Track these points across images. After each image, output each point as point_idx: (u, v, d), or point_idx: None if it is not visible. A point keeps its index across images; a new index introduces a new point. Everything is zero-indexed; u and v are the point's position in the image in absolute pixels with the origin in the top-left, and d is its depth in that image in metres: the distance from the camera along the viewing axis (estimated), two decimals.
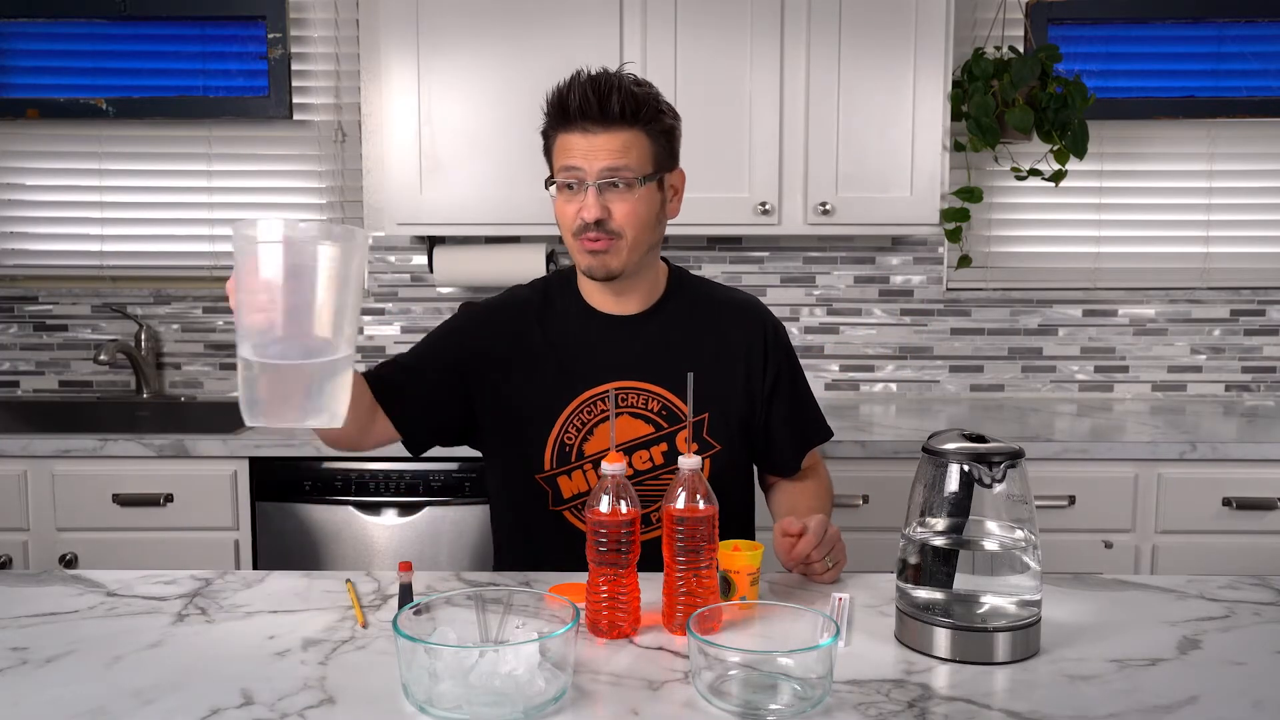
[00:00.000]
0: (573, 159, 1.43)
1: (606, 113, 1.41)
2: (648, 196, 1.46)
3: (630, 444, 1.51)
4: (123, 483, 2.28)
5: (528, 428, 1.53)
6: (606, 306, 1.56)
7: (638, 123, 1.43)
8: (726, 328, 1.59)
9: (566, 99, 1.42)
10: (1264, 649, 1.16)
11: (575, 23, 2.44)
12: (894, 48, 2.45)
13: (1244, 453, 2.30)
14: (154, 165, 2.90)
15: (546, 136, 1.50)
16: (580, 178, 1.43)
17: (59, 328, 2.92)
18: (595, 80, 1.42)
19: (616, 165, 1.42)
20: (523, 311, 1.58)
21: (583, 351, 1.54)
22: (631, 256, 1.48)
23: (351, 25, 2.84)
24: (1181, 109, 2.86)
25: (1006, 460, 1.13)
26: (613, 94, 1.41)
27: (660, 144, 1.47)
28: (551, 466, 1.52)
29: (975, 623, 1.13)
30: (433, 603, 1.11)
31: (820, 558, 1.36)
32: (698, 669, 1.03)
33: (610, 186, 1.43)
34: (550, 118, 1.47)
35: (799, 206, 2.49)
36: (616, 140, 1.42)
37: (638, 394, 1.52)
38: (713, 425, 1.54)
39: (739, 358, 1.58)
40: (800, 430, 1.65)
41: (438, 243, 2.76)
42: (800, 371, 1.67)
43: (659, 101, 1.47)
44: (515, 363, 1.55)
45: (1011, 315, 2.90)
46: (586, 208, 1.43)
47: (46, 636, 1.19)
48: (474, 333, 1.58)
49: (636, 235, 1.46)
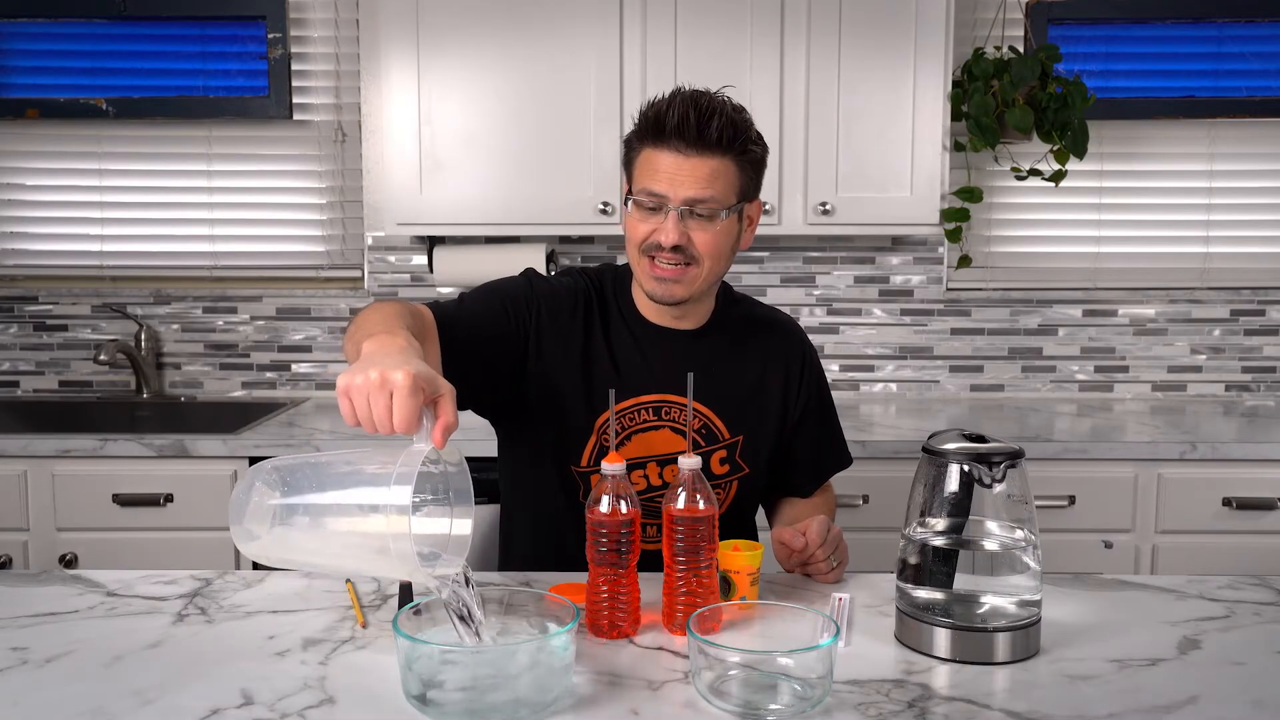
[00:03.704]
0: (658, 184, 1.39)
1: (704, 136, 1.36)
2: (728, 228, 1.43)
3: (666, 457, 1.50)
4: (123, 483, 2.28)
5: (569, 420, 1.50)
6: (662, 320, 1.53)
7: (732, 151, 1.39)
8: (769, 352, 1.58)
9: (665, 115, 1.37)
10: (1264, 649, 1.16)
11: (575, 23, 2.44)
12: (894, 48, 2.45)
13: (1244, 453, 2.30)
14: (154, 165, 2.90)
15: (631, 146, 1.45)
16: (662, 204, 1.40)
17: (59, 328, 2.92)
18: (697, 100, 1.37)
19: (702, 196, 1.38)
20: (588, 305, 1.54)
21: (634, 360, 1.51)
22: (702, 286, 1.45)
23: (351, 25, 2.84)
24: (1181, 109, 2.86)
25: (1006, 460, 1.13)
26: (714, 117, 1.36)
27: (747, 174, 1.43)
28: (589, 464, 1.50)
29: (975, 623, 1.13)
30: (433, 603, 1.11)
31: (825, 556, 1.36)
32: (698, 669, 1.03)
33: (692, 214, 1.39)
34: (642, 130, 1.42)
35: (799, 206, 2.49)
36: (706, 167, 1.38)
37: (680, 409, 1.50)
38: (745, 448, 1.54)
39: (777, 383, 1.57)
40: (820, 458, 1.65)
41: (438, 243, 2.76)
42: (829, 398, 1.66)
43: (752, 130, 1.43)
44: (574, 353, 1.50)
45: (1011, 315, 2.90)
46: (665, 232, 1.39)
47: (46, 636, 1.19)
48: (542, 308, 1.51)
49: (713, 265, 1.43)
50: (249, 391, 2.90)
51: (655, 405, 1.50)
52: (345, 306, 2.90)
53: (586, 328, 1.52)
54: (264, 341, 2.90)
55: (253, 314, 2.90)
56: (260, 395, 2.89)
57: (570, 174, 2.49)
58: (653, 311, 1.53)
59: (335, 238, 2.91)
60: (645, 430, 1.50)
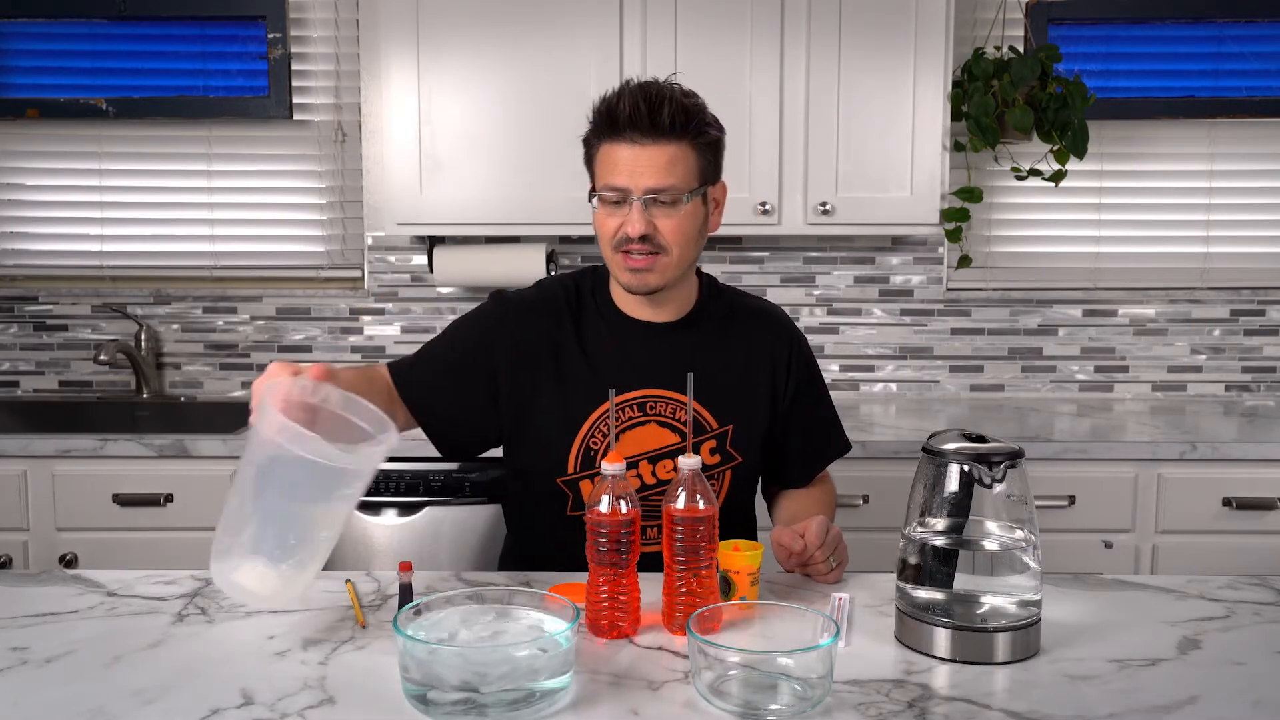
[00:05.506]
0: (618, 178, 1.40)
1: (657, 124, 1.38)
2: (693, 212, 1.44)
3: (656, 453, 1.50)
4: (123, 483, 2.28)
5: (553, 430, 1.51)
6: (640, 314, 1.54)
7: (686, 135, 1.40)
8: (755, 340, 1.58)
9: (616, 109, 1.39)
10: (1264, 649, 1.16)
11: (575, 23, 2.44)
12: (894, 48, 2.45)
13: (1244, 453, 2.30)
14: (154, 165, 2.90)
15: (589, 144, 1.47)
16: (625, 196, 1.41)
17: (59, 328, 2.92)
18: (646, 90, 1.39)
19: (662, 185, 1.40)
20: (556, 310, 1.55)
21: (614, 357, 1.52)
22: (674, 273, 1.46)
23: (351, 25, 2.84)
24: (1181, 109, 2.86)
25: (1006, 460, 1.13)
26: (664, 105, 1.38)
27: (706, 157, 1.45)
28: (575, 470, 1.50)
29: (975, 623, 1.13)
30: (433, 603, 1.11)
31: (824, 557, 1.36)
32: (698, 669, 1.03)
33: (655, 202, 1.41)
34: (596, 126, 1.44)
35: (799, 206, 2.49)
36: (663, 155, 1.39)
37: (667, 403, 1.50)
38: (736, 437, 1.53)
39: (765, 371, 1.57)
40: (814, 445, 1.64)
41: (438, 243, 2.76)
42: (821, 385, 1.66)
43: (706, 113, 1.44)
44: (546, 363, 1.52)
45: (1011, 315, 2.90)
46: (631, 223, 1.40)
47: (46, 636, 1.19)
48: (508, 327, 1.54)
49: (682, 252, 1.44)
50: (249, 391, 2.89)
51: (640, 401, 1.49)
52: (345, 306, 2.90)
53: (561, 336, 1.53)
54: (264, 341, 2.90)
55: (253, 314, 2.90)
56: None
57: (570, 174, 2.44)
58: (632, 306, 1.54)
59: (335, 238, 2.91)
60: (632, 427, 1.50)
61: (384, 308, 2.90)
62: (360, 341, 2.90)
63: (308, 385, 1.17)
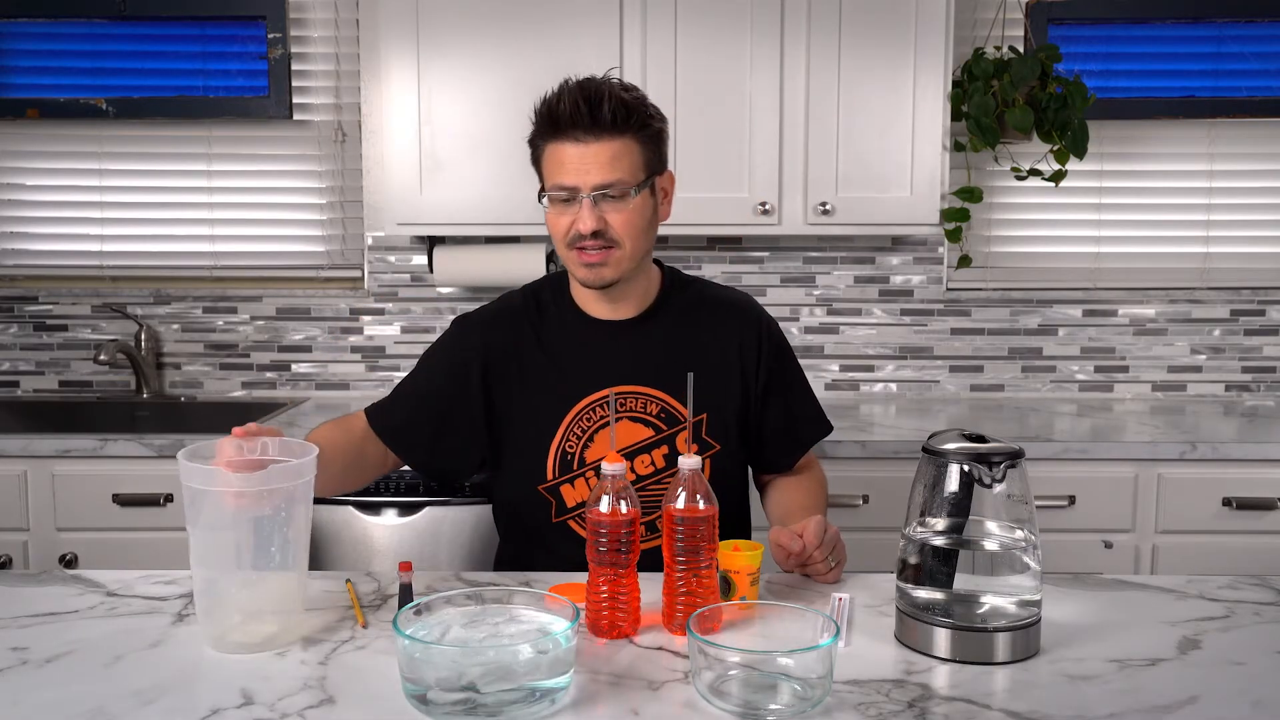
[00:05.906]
0: (565, 177, 1.43)
1: (598, 121, 1.40)
2: (641, 204, 1.46)
3: (631, 449, 1.51)
4: (123, 483, 2.28)
5: (529, 439, 1.53)
6: (601, 313, 1.56)
7: (629, 129, 1.43)
8: (721, 327, 1.59)
9: (556, 108, 1.42)
10: (1264, 649, 1.16)
11: (575, 23, 2.44)
12: (894, 48, 2.45)
13: (1244, 453, 2.30)
14: (154, 165, 2.90)
15: (535, 145, 1.49)
16: (574, 194, 1.43)
17: (59, 328, 2.92)
18: (584, 88, 1.41)
19: (609, 180, 1.42)
20: (517, 321, 1.58)
21: (580, 358, 1.54)
22: (628, 264, 1.48)
23: (351, 25, 2.84)
24: (1181, 109, 2.86)
25: (1006, 460, 1.13)
26: (604, 102, 1.40)
27: (650, 149, 1.47)
28: (554, 476, 1.51)
29: (975, 623, 1.13)
30: (433, 603, 1.11)
31: (823, 558, 1.36)
32: (698, 669, 1.03)
33: (604, 197, 1.43)
34: (539, 127, 1.46)
35: (799, 206, 2.49)
36: (607, 151, 1.41)
37: (636, 398, 1.52)
38: (711, 425, 1.54)
39: (734, 356, 1.58)
40: (794, 428, 1.64)
41: (438, 243, 2.76)
42: (796, 368, 1.66)
43: (647, 106, 1.47)
44: (513, 374, 1.55)
45: (1011, 315, 2.90)
46: (582, 220, 1.42)
47: (46, 636, 1.19)
48: (471, 346, 1.57)
49: (634, 244, 1.46)
50: (249, 391, 2.90)
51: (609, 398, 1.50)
52: (345, 306, 2.90)
53: (523, 344, 1.55)
54: (264, 341, 2.90)
55: (253, 314, 2.90)
56: (260, 395, 2.89)
57: None
58: (593, 305, 1.56)
59: (335, 238, 2.91)
60: (604, 426, 1.51)
61: (384, 308, 2.90)
62: (360, 341, 2.90)
63: (242, 444, 1.21)
